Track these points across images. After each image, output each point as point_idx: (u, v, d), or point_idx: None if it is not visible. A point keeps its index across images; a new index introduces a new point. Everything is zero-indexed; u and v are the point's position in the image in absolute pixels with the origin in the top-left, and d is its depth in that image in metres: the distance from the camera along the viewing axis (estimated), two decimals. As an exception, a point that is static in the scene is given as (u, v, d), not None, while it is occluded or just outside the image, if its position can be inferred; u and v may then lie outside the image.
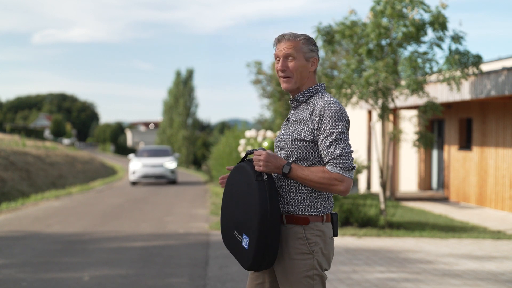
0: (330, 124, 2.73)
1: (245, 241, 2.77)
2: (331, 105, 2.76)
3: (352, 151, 2.78)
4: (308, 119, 2.79)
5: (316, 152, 2.78)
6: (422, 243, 8.65)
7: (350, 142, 2.79)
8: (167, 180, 23.30)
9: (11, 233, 9.86)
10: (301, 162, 2.79)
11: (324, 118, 2.74)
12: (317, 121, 2.76)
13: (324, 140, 2.73)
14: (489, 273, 6.63)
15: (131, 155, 25.04)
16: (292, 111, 2.93)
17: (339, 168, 2.71)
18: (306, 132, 2.78)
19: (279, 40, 2.89)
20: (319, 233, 2.80)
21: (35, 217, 12.12)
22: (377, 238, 9.06)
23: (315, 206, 2.81)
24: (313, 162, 2.79)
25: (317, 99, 2.84)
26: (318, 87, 2.89)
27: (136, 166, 23.05)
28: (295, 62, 2.84)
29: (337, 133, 2.72)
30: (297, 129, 2.81)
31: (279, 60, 2.88)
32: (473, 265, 7.04)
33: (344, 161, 2.71)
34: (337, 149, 2.71)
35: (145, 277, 6.51)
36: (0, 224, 11.01)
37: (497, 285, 6.04)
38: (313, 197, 2.81)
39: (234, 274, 6.56)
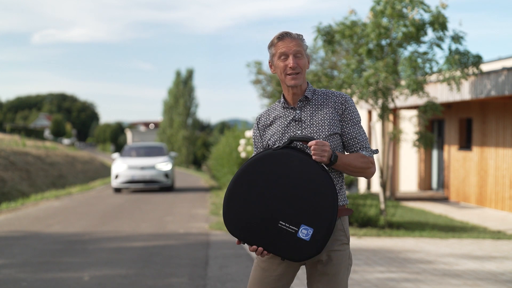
0: (354, 113, 2.89)
1: (305, 232, 2.71)
2: (348, 96, 2.92)
3: None
4: (334, 112, 2.87)
5: (341, 142, 2.90)
6: (422, 243, 8.65)
7: None
8: (160, 185, 18.66)
9: (11, 233, 9.86)
10: None
11: (348, 108, 2.88)
12: (340, 112, 2.88)
13: (352, 128, 2.88)
14: (489, 273, 6.63)
15: (115, 155, 20.20)
16: (297, 111, 2.90)
17: (370, 152, 2.89)
18: (336, 125, 2.86)
19: (281, 38, 2.89)
20: (347, 221, 2.93)
21: (35, 217, 12.12)
22: (377, 238, 9.06)
23: (345, 195, 2.93)
24: (340, 152, 2.89)
25: (326, 93, 2.93)
26: (310, 85, 2.97)
27: (120, 168, 18.18)
28: (303, 59, 2.90)
29: (360, 121, 2.92)
30: (325, 124, 2.85)
31: (284, 58, 2.88)
32: (473, 265, 7.04)
33: (369, 145, 2.92)
34: (364, 135, 2.91)
35: (145, 277, 6.51)
36: (0, 224, 11.01)
37: (497, 285, 6.04)
38: (343, 186, 2.92)
39: (234, 274, 6.56)
